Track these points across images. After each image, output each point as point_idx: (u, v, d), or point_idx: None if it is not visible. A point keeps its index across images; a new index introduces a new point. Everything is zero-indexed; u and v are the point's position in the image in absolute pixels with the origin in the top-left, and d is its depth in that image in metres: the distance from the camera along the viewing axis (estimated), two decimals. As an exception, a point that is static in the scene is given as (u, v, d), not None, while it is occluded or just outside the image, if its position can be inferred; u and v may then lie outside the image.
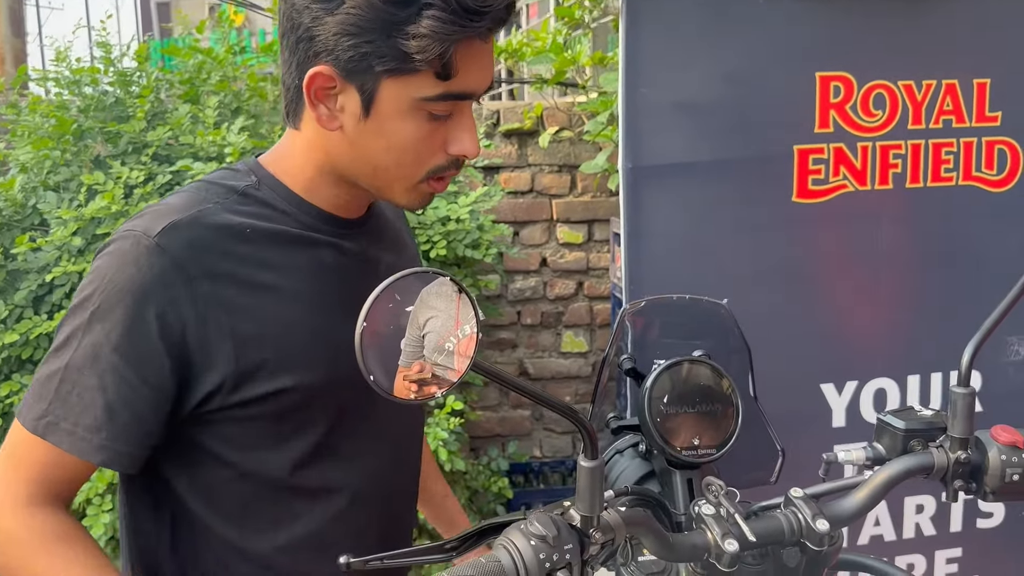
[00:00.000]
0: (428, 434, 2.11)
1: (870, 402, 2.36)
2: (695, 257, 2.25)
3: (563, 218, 3.42)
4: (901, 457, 0.97)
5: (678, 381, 1.15)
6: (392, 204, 1.03)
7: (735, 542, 0.92)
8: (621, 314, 1.21)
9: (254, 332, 0.94)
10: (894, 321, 2.35)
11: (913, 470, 0.96)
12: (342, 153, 0.96)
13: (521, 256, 3.27)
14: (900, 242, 2.27)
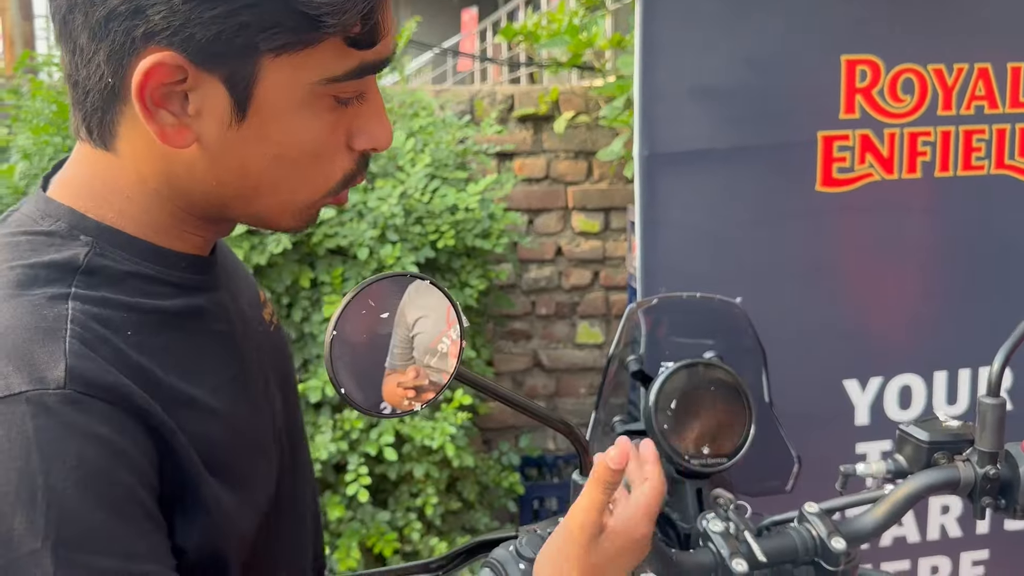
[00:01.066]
0: (436, 429, 2.06)
1: (895, 399, 2.30)
2: (713, 248, 2.19)
3: (579, 206, 3.35)
4: (924, 471, 0.90)
5: (687, 384, 1.08)
6: (271, 229, 0.75)
7: (744, 562, 0.85)
8: (628, 312, 1.15)
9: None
10: (921, 315, 2.28)
11: (937, 486, 0.89)
12: (198, 178, 0.66)
13: (535, 245, 3.21)
14: (928, 233, 2.20)
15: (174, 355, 0.66)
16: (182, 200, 0.68)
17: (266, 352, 0.79)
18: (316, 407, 2.06)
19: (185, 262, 0.70)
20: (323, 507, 2.07)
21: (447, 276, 2.22)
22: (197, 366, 0.68)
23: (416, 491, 2.20)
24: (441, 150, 2.15)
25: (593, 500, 0.72)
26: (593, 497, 0.72)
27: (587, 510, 0.72)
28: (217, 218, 0.70)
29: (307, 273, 1.99)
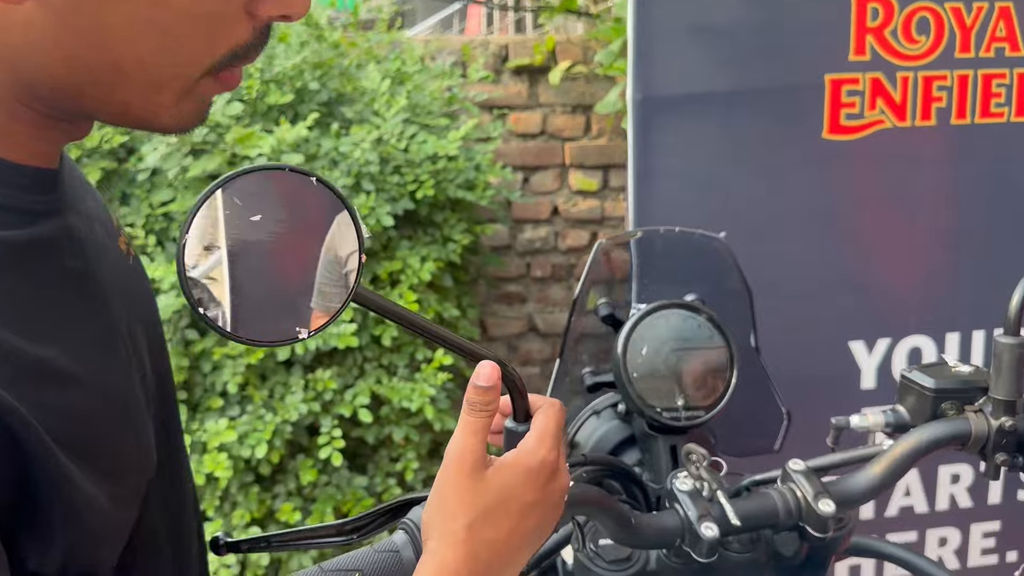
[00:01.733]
0: (415, 391, 1.94)
1: (903, 362, 2.19)
2: (711, 200, 2.08)
3: (576, 163, 3.22)
4: (930, 423, 0.77)
5: (662, 330, 0.96)
6: (146, 128, 0.56)
7: (714, 526, 0.73)
8: (597, 248, 1.02)
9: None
10: (933, 272, 2.16)
11: (944, 440, 0.76)
12: (40, 50, 0.49)
13: (530, 203, 3.08)
14: (942, 186, 2.08)
15: (16, 306, 0.49)
16: (20, 87, 0.50)
17: (130, 294, 0.62)
18: (286, 365, 1.94)
19: (27, 178, 0.52)
20: (295, 471, 1.97)
21: (428, 230, 2.10)
22: (49, 319, 0.52)
23: (396, 455, 2.10)
24: (422, 95, 2.02)
25: (465, 425, 0.61)
26: (465, 422, 0.61)
27: (460, 437, 0.61)
28: (70, 114, 0.53)
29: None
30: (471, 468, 0.60)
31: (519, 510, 0.60)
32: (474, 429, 0.60)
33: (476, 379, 0.61)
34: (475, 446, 0.60)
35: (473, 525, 0.58)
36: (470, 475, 0.59)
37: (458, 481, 0.59)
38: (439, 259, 2.06)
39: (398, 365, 2.02)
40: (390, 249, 2.02)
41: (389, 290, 1.98)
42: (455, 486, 0.59)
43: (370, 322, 1.96)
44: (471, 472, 0.60)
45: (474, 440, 0.60)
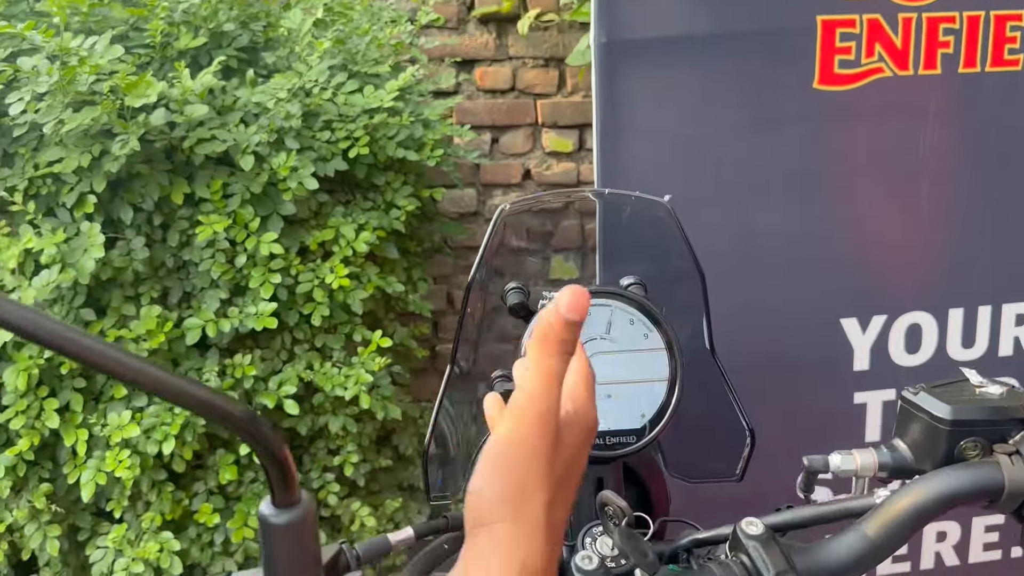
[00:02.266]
0: (349, 378, 1.71)
1: (901, 341, 1.98)
2: (688, 160, 1.85)
3: (550, 122, 2.97)
4: (944, 470, 0.54)
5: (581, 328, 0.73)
6: None
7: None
8: (499, 216, 0.78)
9: None
10: (935, 241, 1.95)
11: (965, 494, 0.53)
12: None
13: (499, 166, 2.83)
14: (948, 142, 1.87)
15: None
16: None
17: None
18: (199, 348, 1.71)
19: None
20: (215, 467, 1.74)
21: (369, 195, 1.85)
22: None
23: (335, 447, 1.87)
24: (354, 39, 1.76)
25: (548, 370, 0.49)
26: (546, 367, 0.49)
27: (542, 387, 0.49)
28: None
29: (181, 186, 1.62)
30: (554, 428, 0.49)
31: (578, 477, 0.52)
32: (557, 376, 0.49)
33: (562, 307, 0.48)
34: (557, 397, 0.49)
35: (554, 503, 0.49)
36: (553, 438, 0.49)
37: (541, 444, 0.48)
38: (380, 228, 1.81)
39: (333, 348, 1.79)
40: (321, 216, 1.78)
41: (320, 263, 1.74)
42: (534, 453, 0.48)
43: (298, 298, 1.72)
44: (554, 434, 0.49)
45: (556, 390, 0.49)
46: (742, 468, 0.78)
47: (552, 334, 0.48)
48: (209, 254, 1.65)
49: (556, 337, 0.48)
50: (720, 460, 0.83)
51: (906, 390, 0.57)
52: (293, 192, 1.63)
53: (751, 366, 1.93)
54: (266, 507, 0.40)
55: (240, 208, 1.63)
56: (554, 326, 0.48)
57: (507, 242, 0.79)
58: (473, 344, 0.84)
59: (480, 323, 0.84)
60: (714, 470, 0.83)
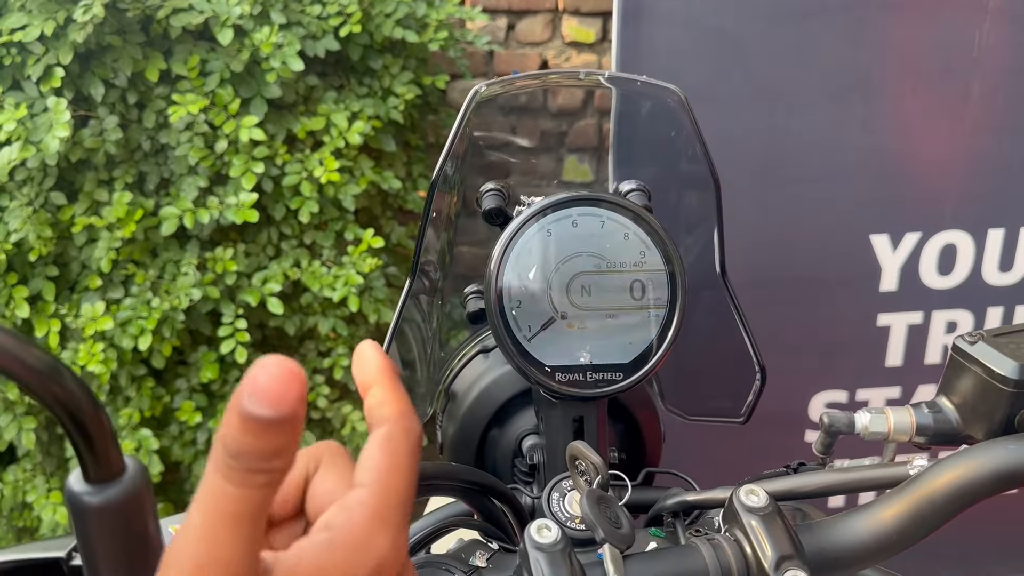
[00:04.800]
0: (338, 279, 1.60)
1: (934, 262, 1.85)
2: (715, 53, 1.69)
3: (571, 8, 2.77)
4: (1001, 441, 0.42)
5: (564, 240, 0.60)
6: None
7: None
8: (471, 99, 0.65)
9: None
10: (980, 153, 1.79)
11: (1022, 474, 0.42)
12: None
13: (515, 55, 2.65)
14: (1005, 42, 1.69)
15: None
16: None
17: None
18: (178, 240, 1.60)
19: None
20: (197, 364, 1.66)
21: (364, 80, 1.70)
22: None
23: (325, 349, 1.78)
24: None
25: (221, 511, 0.27)
26: (220, 505, 0.27)
27: (208, 537, 0.27)
28: None
29: (157, 61, 1.48)
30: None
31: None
32: (245, 519, 0.27)
33: (251, 401, 0.26)
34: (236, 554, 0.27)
35: None
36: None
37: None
38: (376, 117, 1.67)
39: (323, 246, 1.68)
40: (311, 102, 1.64)
41: (308, 154, 1.60)
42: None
43: (284, 191, 1.60)
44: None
45: (239, 549, 0.27)
46: (748, 409, 0.67)
47: (233, 448, 0.27)
48: (187, 138, 1.52)
49: (241, 452, 0.27)
50: (724, 397, 0.71)
51: (960, 338, 0.45)
52: (277, 72, 1.49)
53: (768, 280, 1.80)
54: (76, 482, 0.29)
55: (219, 88, 1.49)
56: (234, 436, 0.26)
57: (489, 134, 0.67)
58: (442, 253, 0.72)
59: (450, 228, 0.72)
60: (717, 408, 0.71)
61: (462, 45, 2.03)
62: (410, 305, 0.74)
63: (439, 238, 0.71)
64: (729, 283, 0.67)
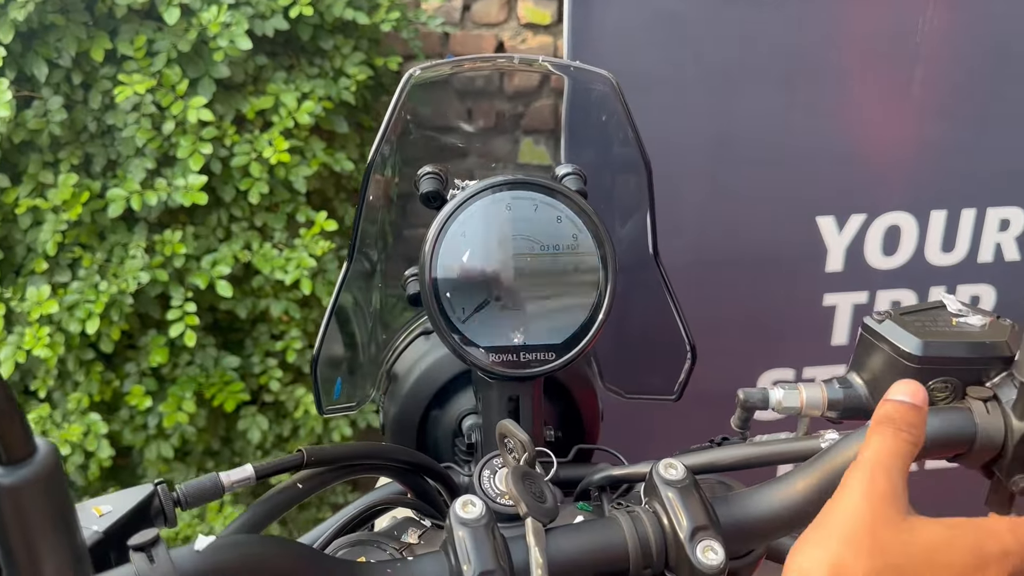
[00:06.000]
0: (291, 261, 1.59)
1: (878, 243, 1.89)
2: (666, 38, 1.70)
3: (526, -10, 2.75)
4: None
5: (497, 223, 0.61)
6: None
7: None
8: (405, 83, 0.65)
9: None
10: (922, 138, 1.82)
11: (927, 444, 0.44)
12: None
13: (471, 36, 2.63)
14: (949, 28, 1.71)
15: None
16: None
17: None
18: (126, 222, 1.58)
19: None
20: (147, 348, 1.65)
21: (315, 60, 1.69)
22: None
23: (278, 332, 1.78)
24: None
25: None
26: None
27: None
28: None
29: (102, 40, 1.46)
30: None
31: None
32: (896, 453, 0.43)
33: (901, 392, 0.44)
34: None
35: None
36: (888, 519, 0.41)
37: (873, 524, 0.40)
38: (328, 98, 1.66)
39: (274, 228, 1.67)
40: (260, 82, 1.62)
41: (258, 135, 1.59)
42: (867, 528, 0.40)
43: (234, 172, 1.58)
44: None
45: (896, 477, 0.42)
46: (680, 387, 0.69)
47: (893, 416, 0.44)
48: (134, 119, 1.50)
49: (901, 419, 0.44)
50: (659, 376, 0.73)
51: (869, 317, 0.47)
52: (225, 52, 1.47)
53: (719, 261, 1.83)
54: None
55: (166, 68, 1.47)
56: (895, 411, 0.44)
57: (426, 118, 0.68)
58: (383, 236, 0.73)
59: (389, 212, 0.72)
60: (651, 386, 0.73)
61: (416, 26, 2.02)
62: (354, 288, 0.75)
63: (379, 221, 0.71)
64: (662, 264, 0.69)
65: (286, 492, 0.47)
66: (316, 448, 0.47)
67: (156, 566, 0.35)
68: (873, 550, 0.40)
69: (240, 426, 1.74)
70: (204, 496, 0.43)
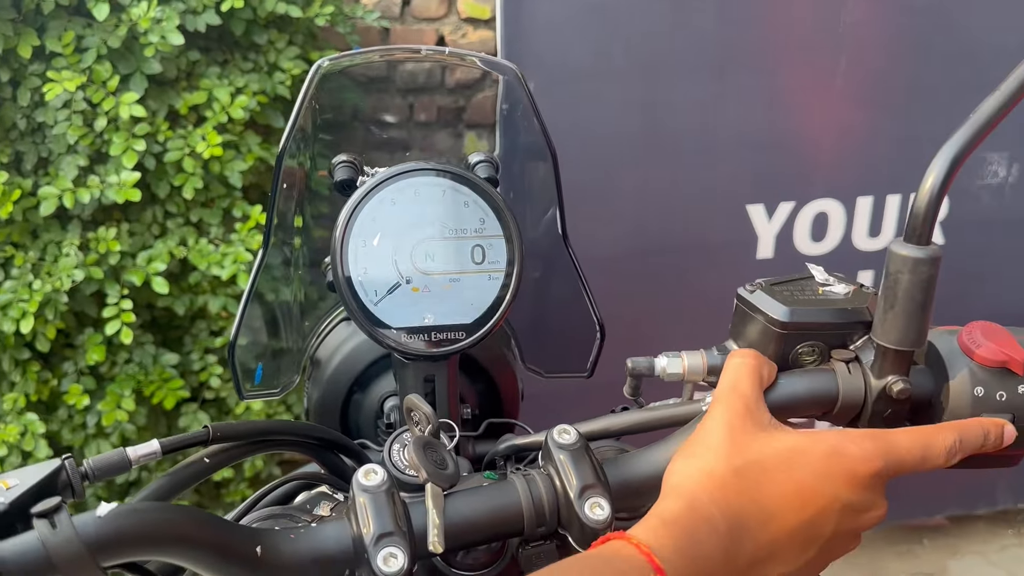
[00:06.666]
0: (228, 255, 1.60)
1: (807, 230, 1.95)
2: (596, 30, 1.73)
3: (466, -16, 2.76)
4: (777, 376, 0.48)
5: (407, 209, 0.64)
6: None
7: (400, 554, 0.44)
8: (314, 73, 0.67)
9: None
10: (847, 126, 1.89)
11: (796, 403, 0.47)
12: None
13: (412, 30, 2.64)
14: (870, 17, 1.77)
15: None
16: None
17: None
18: (59, 220, 1.57)
19: None
20: (84, 347, 1.64)
21: (249, 55, 1.69)
22: None
23: (217, 329, 1.77)
24: None
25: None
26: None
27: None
28: None
29: (30, 37, 1.44)
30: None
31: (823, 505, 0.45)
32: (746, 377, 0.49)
33: None
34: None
35: (746, 472, 0.45)
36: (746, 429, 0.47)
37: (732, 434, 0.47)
38: (262, 92, 1.66)
39: (210, 223, 1.67)
40: (193, 78, 1.62)
41: (191, 130, 1.59)
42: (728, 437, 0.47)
43: (168, 168, 1.58)
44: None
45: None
46: (592, 364, 0.72)
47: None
48: (65, 116, 1.49)
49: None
50: (575, 355, 0.76)
51: (743, 288, 0.51)
52: (157, 47, 1.47)
53: (654, 249, 1.88)
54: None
55: (96, 64, 1.47)
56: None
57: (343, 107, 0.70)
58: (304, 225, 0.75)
59: (303, 200, 0.74)
60: (567, 365, 0.76)
61: (353, 20, 2.03)
62: (277, 275, 0.77)
63: (295, 210, 0.73)
64: (571, 247, 0.72)
65: (193, 466, 0.49)
66: (223, 424, 0.49)
67: (58, 531, 0.37)
68: (732, 453, 0.46)
69: (181, 423, 1.74)
70: (111, 470, 0.45)
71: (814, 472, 0.44)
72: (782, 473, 0.44)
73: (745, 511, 0.43)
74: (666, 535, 0.42)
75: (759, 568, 0.43)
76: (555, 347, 0.80)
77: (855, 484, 0.44)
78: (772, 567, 0.43)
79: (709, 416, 0.47)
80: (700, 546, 0.42)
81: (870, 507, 0.45)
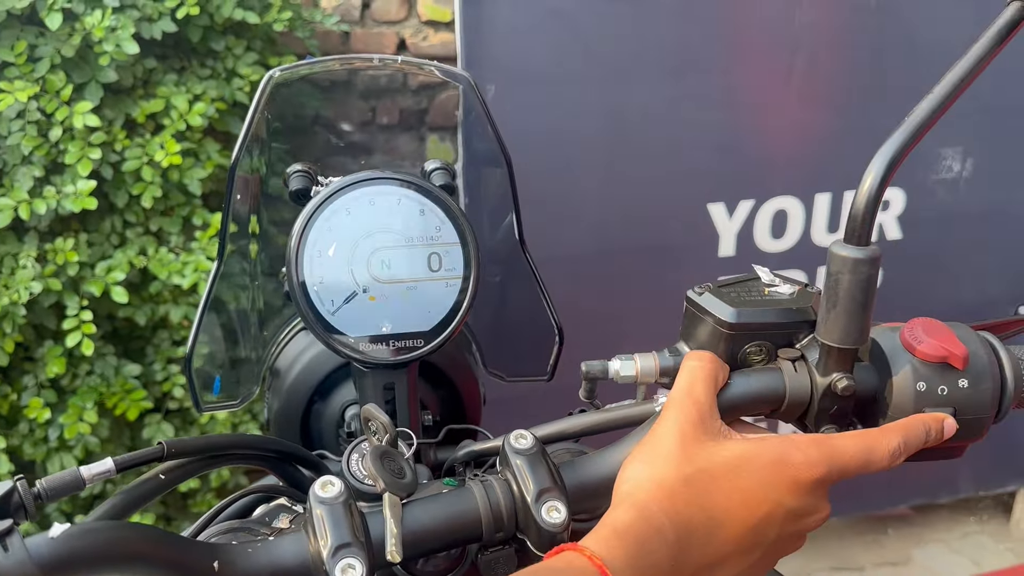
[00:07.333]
0: (188, 264, 1.58)
1: (767, 227, 1.97)
2: (555, 34, 1.74)
3: (426, -13, 2.76)
4: (725, 378, 0.49)
5: (362, 218, 0.64)
6: None
7: (358, 564, 0.45)
8: (265, 83, 0.67)
9: None
10: (804, 125, 1.91)
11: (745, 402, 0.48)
12: None
13: (372, 34, 2.63)
14: (824, 17, 1.80)
15: None
16: None
17: None
18: (15, 232, 1.55)
19: None
20: (44, 359, 1.61)
21: (207, 62, 1.67)
22: None
23: (179, 339, 1.76)
24: None
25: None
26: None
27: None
28: None
29: (-21, 48, 1.42)
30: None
31: (766, 510, 0.47)
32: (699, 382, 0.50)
33: None
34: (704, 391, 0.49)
35: (694, 481, 0.47)
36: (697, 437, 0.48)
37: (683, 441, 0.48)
38: (221, 99, 1.65)
39: (170, 232, 1.65)
40: (150, 85, 1.60)
41: (149, 138, 1.57)
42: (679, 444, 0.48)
43: (126, 177, 1.56)
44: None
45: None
46: (551, 367, 0.73)
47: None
48: (19, 126, 1.47)
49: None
50: (536, 359, 0.77)
51: (691, 290, 0.52)
52: (112, 56, 1.45)
53: (613, 251, 1.89)
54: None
55: (50, 74, 1.45)
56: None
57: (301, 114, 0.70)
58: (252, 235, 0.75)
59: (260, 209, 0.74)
60: (527, 369, 0.77)
61: (312, 25, 2.02)
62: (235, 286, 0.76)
63: (249, 220, 0.73)
64: (528, 252, 0.72)
65: (149, 483, 0.49)
66: (177, 440, 0.49)
67: (11, 554, 0.37)
68: (683, 461, 0.47)
69: (145, 434, 1.72)
70: (65, 489, 0.45)
71: (759, 480, 0.45)
72: (729, 481, 0.45)
73: (694, 520, 0.45)
74: (618, 545, 0.43)
75: (706, 574, 0.44)
76: (516, 351, 0.81)
77: (799, 490, 0.45)
78: (718, 572, 0.45)
79: (663, 420, 0.48)
80: (650, 556, 0.43)
81: (813, 511, 0.47)
